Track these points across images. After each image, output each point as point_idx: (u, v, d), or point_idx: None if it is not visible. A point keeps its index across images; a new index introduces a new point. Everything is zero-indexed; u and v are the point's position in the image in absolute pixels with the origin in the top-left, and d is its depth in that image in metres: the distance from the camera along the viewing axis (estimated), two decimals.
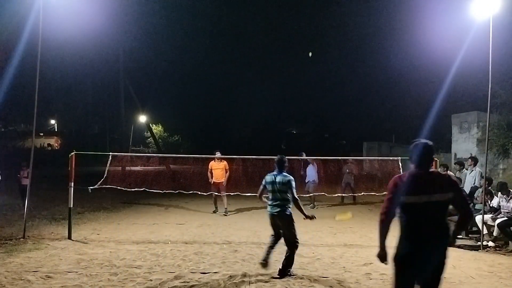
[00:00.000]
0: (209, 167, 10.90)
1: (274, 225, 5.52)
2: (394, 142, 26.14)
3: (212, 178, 10.78)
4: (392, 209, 3.11)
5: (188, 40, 26.30)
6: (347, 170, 13.29)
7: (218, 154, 10.77)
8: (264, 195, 5.71)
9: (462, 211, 3.12)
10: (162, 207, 12.19)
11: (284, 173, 5.51)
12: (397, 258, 3.07)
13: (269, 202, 5.49)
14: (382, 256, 3.18)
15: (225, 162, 10.90)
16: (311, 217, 5.47)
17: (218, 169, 10.75)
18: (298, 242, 5.44)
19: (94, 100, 31.18)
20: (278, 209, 5.36)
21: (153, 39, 24.28)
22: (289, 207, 5.39)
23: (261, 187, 5.69)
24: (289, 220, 5.38)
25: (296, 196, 5.42)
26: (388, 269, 5.75)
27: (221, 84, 38.20)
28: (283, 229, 5.41)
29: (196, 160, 14.64)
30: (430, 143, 3.25)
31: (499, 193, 7.89)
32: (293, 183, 5.42)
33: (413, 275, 3.03)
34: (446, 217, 3.08)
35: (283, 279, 5.30)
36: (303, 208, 5.42)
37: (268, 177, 5.56)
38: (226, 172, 10.80)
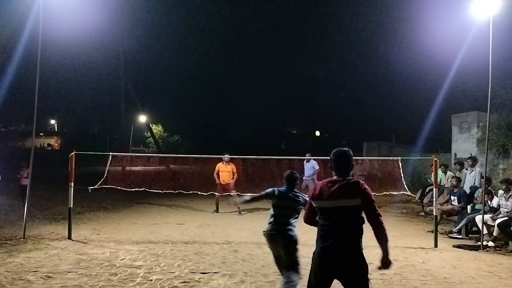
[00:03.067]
0: (216, 168, 10.93)
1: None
2: (394, 142, 26.10)
3: (218, 179, 10.85)
4: (309, 212, 3.33)
5: (188, 40, 26.39)
6: (358, 173, 13.37)
7: (226, 156, 10.83)
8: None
9: (371, 220, 3.09)
10: (162, 207, 12.20)
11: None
12: (313, 256, 3.23)
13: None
14: None
15: (233, 166, 10.98)
16: None
17: (226, 172, 10.82)
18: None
19: (94, 100, 31.17)
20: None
21: (153, 39, 24.44)
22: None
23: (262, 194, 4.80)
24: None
25: None
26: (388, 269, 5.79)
27: (221, 84, 38.28)
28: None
29: (196, 160, 14.63)
30: (348, 150, 3.25)
31: (499, 191, 7.90)
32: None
33: (322, 273, 3.13)
34: (356, 222, 3.09)
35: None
36: None
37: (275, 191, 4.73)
38: (234, 175, 10.87)
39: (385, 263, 3.13)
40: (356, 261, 3.08)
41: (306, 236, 7.76)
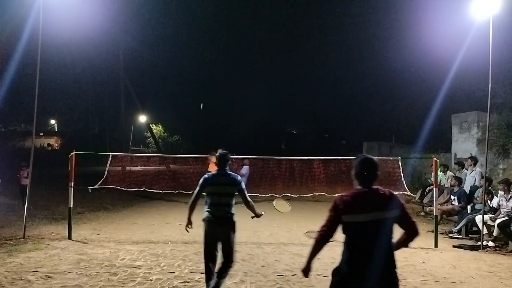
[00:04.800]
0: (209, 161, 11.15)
1: (212, 236, 4.56)
2: (394, 142, 26.13)
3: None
4: (331, 229, 2.92)
5: (188, 40, 26.36)
6: None
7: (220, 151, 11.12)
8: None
9: (409, 229, 2.95)
10: (162, 207, 12.19)
11: (229, 172, 4.74)
12: (335, 278, 2.91)
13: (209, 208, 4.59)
14: (305, 271, 3.02)
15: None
16: (260, 215, 4.89)
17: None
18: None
19: (94, 100, 31.14)
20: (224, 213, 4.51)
21: (153, 39, 24.32)
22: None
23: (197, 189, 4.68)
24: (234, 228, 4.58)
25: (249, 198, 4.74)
26: None
27: (221, 84, 38.27)
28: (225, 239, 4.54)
29: (196, 160, 14.66)
30: (373, 158, 2.97)
31: (499, 191, 7.90)
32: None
33: None
34: (391, 235, 2.90)
35: (282, 280, 5.30)
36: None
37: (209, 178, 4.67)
38: None
39: None
40: (394, 279, 2.84)
41: (305, 236, 7.76)
